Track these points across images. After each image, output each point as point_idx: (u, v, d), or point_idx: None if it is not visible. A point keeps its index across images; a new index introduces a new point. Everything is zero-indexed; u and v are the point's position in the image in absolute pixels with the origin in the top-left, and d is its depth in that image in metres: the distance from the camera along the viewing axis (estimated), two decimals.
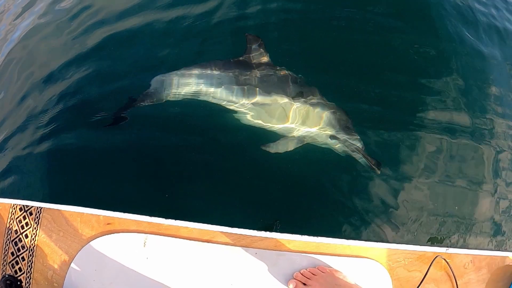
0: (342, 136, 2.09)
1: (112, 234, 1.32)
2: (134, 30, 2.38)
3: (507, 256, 1.57)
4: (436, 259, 1.38)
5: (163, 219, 1.27)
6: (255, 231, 1.24)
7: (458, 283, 1.43)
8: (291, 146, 2.10)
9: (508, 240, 2.02)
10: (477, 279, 1.49)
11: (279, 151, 2.05)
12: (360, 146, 2.08)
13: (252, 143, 2.04)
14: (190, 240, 1.27)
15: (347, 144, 2.07)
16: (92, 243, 1.32)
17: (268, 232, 1.24)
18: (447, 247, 1.44)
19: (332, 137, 2.09)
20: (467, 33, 2.57)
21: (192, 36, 2.32)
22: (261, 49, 2.25)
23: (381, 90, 2.18)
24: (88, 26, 2.48)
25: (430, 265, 1.33)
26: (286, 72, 2.21)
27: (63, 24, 2.56)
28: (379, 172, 1.98)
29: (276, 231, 1.27)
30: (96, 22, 2.48)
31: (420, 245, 1.39)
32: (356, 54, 2.31)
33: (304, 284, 1.24)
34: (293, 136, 2.14)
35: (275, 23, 2.38)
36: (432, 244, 1.42)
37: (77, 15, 2.59)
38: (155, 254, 1.27)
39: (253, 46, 2.25)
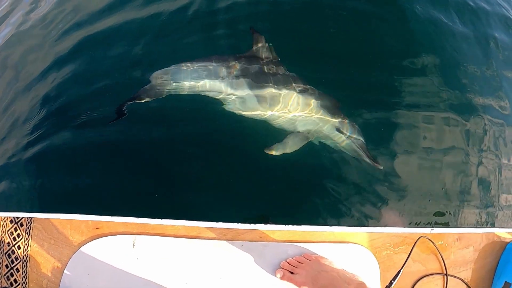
0: (346, 129, 2.11)
1: (101, 238, 1.34)
2: (111, 29, 2.41)
3: (494, 232, 1.59)
4: (420, 239, 1.41)
5: (150, 219, 1.30)
6: (240, 224, 1.27)
7: (445, 262, 1.45)
8: (296, 145, 2.03)
9: (495, 217, 2.04)
10: (464, 257, 1.51)
11: (286, 151, 1.98)
12: (363, 141, 2.09)
13: (245, 139, 2.04)
14: (178, 237, 1.29)
15: (351, 139, 2.07)
16: (83, 248, 1.35)
17: (252, 224, 1.27)
18: (432, 227, 1.46)
19: (338, 129, 2.08)
20: (438, 15, 2.60)
21: (169, 32, 2.35)
22: (266, 45, 2.26)
23: (360, 75, 2.22)
24: (65, 30, 2.51)
25: (414, 246, 1.35)
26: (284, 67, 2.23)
27: (41, 31, 2.59)
28: (381, 167, 1.98)
29: (268, 223, 1.30)
30: (73, 25, 2.51)
31: (405, 227, 1.41)
32: (332, 42, 2.34)
33: (291, 272, 1.26)
34: (298, 132, 2.10)
35: (246, 15, 2.41)
36: (417, 226, 1.44)
37: (53, 20, 2.62)
38: (145, 254, 1.30)
39: (258, 42, 2.27)
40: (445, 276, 1.45)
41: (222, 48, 2.28)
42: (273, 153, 1.96)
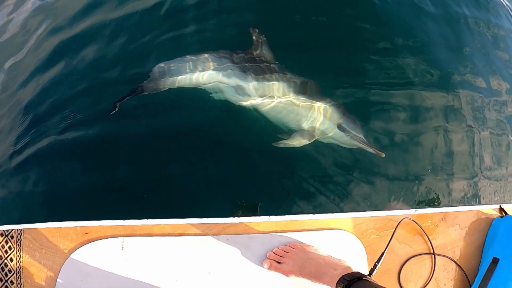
0: (348, 125, 2.16)
1: (91, 243, 1.36)
2: (87, 32, 2.42)
3: (478, 210, 1.61)
4: (404, 221, 1.43)
5: (136, 220, 1.32)
6: (224, 218, 1.29)
7: (432, 242, 1.47)
8: (303, 141, 2.12)
9: (479, 194, 2.05)
10: (451, 236, 1.53)
11: (293, 146, 2.08)
12: (363, 136, 2.16)
13: (235, 134, 2.06)
14: (164, 236, 1.31)
15: (353, 135, 2.13)
16: (73, 255, 1.37)
17: (236, 218, 1.29)
18: (416, 208, 1.48)
19: (340, 127, 2.15)
20: None
21: (143, 31, 2.36)
22: (265, 44, 2.31)
23: (338, 59, 2.25)
24: (45, 35, 2.52)
25: (396, 227, 1.37)
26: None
27: (20, 38, 2.60)
28: (384, 155, 2.05)
29: (258, 214, 1.32)
30: (51, 31, 2.52)
31: (389, 210, 1.43)
32: (306, 30, 2.37)
33: (278, 262, 1.28)
34: (303, 129, 2.17)
35: (213, 10, 2.43)
36: (401, 208, 1.46)
37: (32, 27, 2.63)
38: (134, 255, 1.32)
39: (258, 41, 2.33)
40: (433, 256, 1.47)
41: (197, 45, 2.29)
42: (281, 146, 2.08)
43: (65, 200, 1.78)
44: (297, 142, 2.12)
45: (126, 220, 1.32)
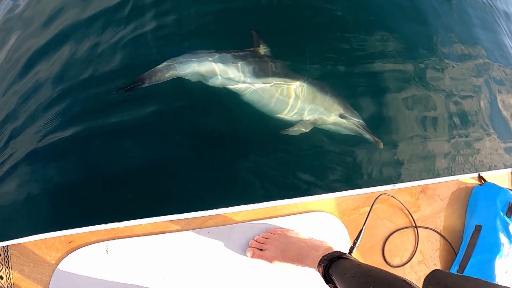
0: (348, 114, 2.24)
1: (76, 251, 1.38)
2: (60, 36, 2.41)
3: (457, 180, 1.63)
4: (383, 197, 1.44)
5: (117, 223, 1.33)
6: (203, 211, 1.30)
7: (413, 215, 1.49)
8: (304, 130, 2.20)
9: (457, 165, 2.07)
10: (432, 208, 1.56)
11: (299, 132, 2.16)
12: (363, 122, 2.23)
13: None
14: (146, 235, 1.33)
15: (353, 122, 2.21)
16: (60, 265, 1.38)
17: (215, 210, 1.31)
18: (393, 183, 1.50)
19: (341, 115, 2.22)
20: None
21: (113, 31, 2.36)
22: (264, 44, 2.41)
23: (321, 46, 2.29)
24: (16, 46, 2.51)
25: (373, 204, 1.39)
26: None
27: None
28: (382, 146, 2.12)
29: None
30: (21, 40, 2.51)
31: (366, 188, 1.45)
32: (286, 20, 2.40)
33: (261, 249, 1.30)
34: (306, 120, 2.25)
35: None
36: (379, 184, 1.47)
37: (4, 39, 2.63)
38: (119, 258, 1.33)
39: (259, 40, 2.41)
40: (415, 229, 1.49)
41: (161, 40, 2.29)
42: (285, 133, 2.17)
43: (47, 209, 1.78)
44: (301, 129, 2.19)
45: (107, 224, 1.33)
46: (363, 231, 1.30)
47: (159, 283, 1.30)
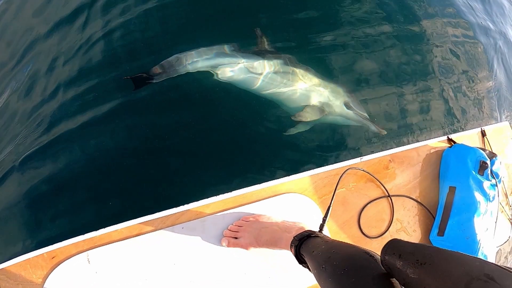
0: (353, 103, 2.30)
1: (60, 265, 1.40)
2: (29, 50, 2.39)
3: (427, 144, 1.65)
4: (352, 171, 1.46)
5: (94, 231, 1.36)
6: (174, 208, 1.33)
7: (385, 185, 1.51)
8: (314, 116, 2.24)
9: (426, 130, 2.07)
10: (403, 175, 1.57)
11: (309, 118, 2.20)
12: (366, 115, 2.28)
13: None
14: (124, 239, 1.35)
15: (358, 113, 2.25)
16: (47, 283, 1.40)
17: (185, 205, 1.33)
18: (361, 156, 1.52)
19: (346, 105, 2.27)
20: None
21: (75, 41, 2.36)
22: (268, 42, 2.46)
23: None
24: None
25: (339, 180, 1.41)
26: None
27: None
28: (385, 133, 2.17)
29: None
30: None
31: (334, 164, 1.47)
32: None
33: (235, 238, 1.32)
34: (314, 105, 2.29)
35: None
36: (347, 159, 1.48)
37: None
38: (101, 266, 1.36)
39: (262, 40, 2.47)
40: (389, 198, 1.50)
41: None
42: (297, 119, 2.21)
43: (29, 228, 1.79)
44: (311, 115, 2.22)
45: (85, 234, 1.36)
46: (331, 208, 1.32)
47: (143, 285, 1.32)
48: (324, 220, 1.27)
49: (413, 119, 2.14)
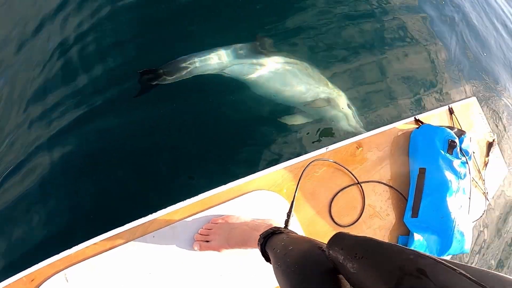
0: (352, 106, 2.29)
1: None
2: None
3: (394, 127, 1.65)
4: (319, 162, 1.47)
5: (68, 250, 1.37)
6: (142, 218, 1.34)
7: (354, 173, 1.51)
8: (323, 103, 2.24)
9: (391, 113, 2.07)
10: (372, 161, 1.58)
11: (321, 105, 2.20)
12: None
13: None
14: (98, 254, 1.36)
15: (355, 115, 2.24)
16: None
17: (153, 214, 1.34)
18: (326, 146, 1.52)
19: (348, 106, 2.27)
20: None
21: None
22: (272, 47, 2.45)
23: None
24: None
25: (303, 172, 1.41)
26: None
27: None
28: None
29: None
30: None
31: (299, 157, 1.47)
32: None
33: (207, 241, 1.32)
34: (321, 97, 2.27)
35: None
36: (311, 151, 1.49)
37: None
38: (79, 283, 1.37)
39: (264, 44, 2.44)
40: (358, 185, 1.50)
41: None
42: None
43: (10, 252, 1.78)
44: (322, 103, 2.22)
45: (60, 253, 1.37)
46: (294, 202, 1.32)
47: None
48: (288, 215, 1.27)
49: (378, 102, 2.14)
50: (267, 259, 1.12)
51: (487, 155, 1.91)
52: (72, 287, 1.38)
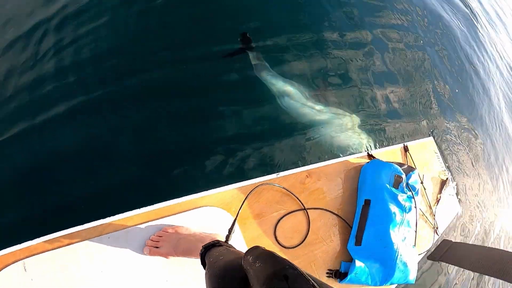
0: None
1: None
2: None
3: (347, 160, 1.78)
4: (268, 186, 1.59)
5: (30, 241, 1.49)
6: (101, 220, 1.46)
7: (301, 199, 1.63)
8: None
9: (343, 149, 2.17)
10: (321, 189, 1.69)
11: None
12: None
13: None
14: (56, 249, 1.48)
15: (363, 136, 2.33)
16: None
17: (110, 217, 1.47)
18: (277, 172, 1.64)
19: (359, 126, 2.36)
20: None
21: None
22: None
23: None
24: None
25: (248, 194, 1.53)
26: None
27: None
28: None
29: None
30: None
31: (250, 179, 1.59)
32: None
33: (156, 247, 1.45)
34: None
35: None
36: (263, 175, 1.61)
37: None
38: (36, 274, 1.48)
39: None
40: (305, 211, 1.62)
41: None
42: None
43: None
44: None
45: (22, 243, 1.49)
46: (236, 220, 1.44)
47: None
48: (229, 231, 1.39)
49: (338, 134, 2.24)
50: (205, 267, 1.24)
51: (440, 192, 2.03)
52: (29, 276, 1.49)
